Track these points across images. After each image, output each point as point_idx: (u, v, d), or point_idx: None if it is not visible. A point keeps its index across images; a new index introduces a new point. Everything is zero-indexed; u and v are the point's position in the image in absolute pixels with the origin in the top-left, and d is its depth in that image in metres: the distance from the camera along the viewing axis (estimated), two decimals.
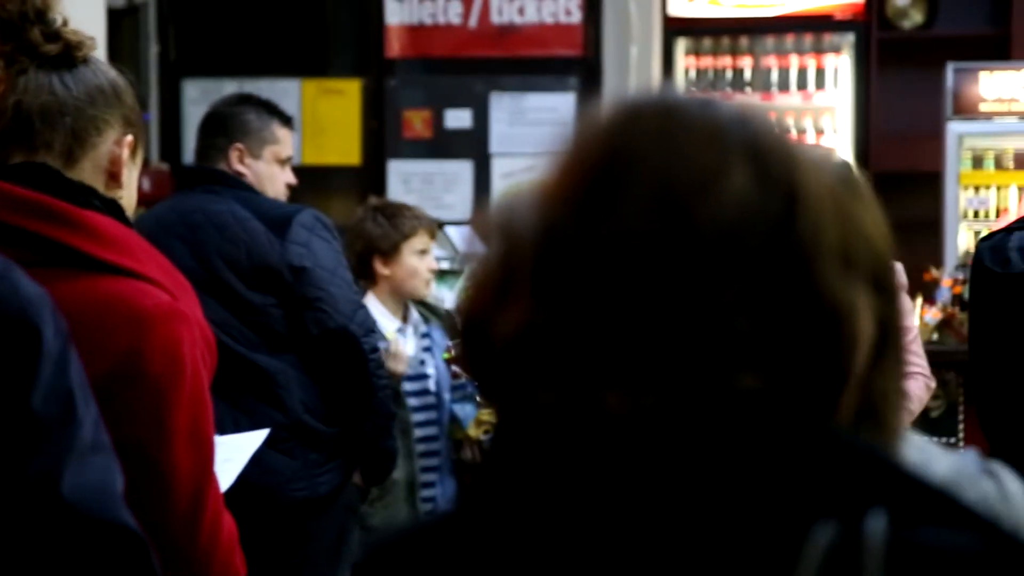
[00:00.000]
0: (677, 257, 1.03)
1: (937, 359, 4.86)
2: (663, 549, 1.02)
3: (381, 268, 4.60)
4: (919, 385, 4.21)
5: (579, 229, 1.04)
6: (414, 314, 4.71)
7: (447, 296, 5.77)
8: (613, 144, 1.07)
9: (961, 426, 5.54)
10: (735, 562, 1.01)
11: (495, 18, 7.25)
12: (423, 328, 4.83)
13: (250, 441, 2.78)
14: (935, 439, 5.53)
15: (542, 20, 7.24)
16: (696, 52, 8.21)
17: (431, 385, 4.64)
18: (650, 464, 1.03)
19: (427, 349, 4.85)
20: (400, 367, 4.49)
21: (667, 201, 1.04)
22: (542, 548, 1.04)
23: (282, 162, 4.30)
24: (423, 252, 4.65)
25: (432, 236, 4.68)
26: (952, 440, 5.59)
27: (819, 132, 8.03)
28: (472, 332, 1.09)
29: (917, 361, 4.23)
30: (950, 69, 7.11)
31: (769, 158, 1.06)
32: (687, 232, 1.03)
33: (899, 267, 4.27)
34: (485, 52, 7.27)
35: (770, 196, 1.05)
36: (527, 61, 7.27)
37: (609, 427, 1.04)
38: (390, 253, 4.61)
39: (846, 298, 1.06)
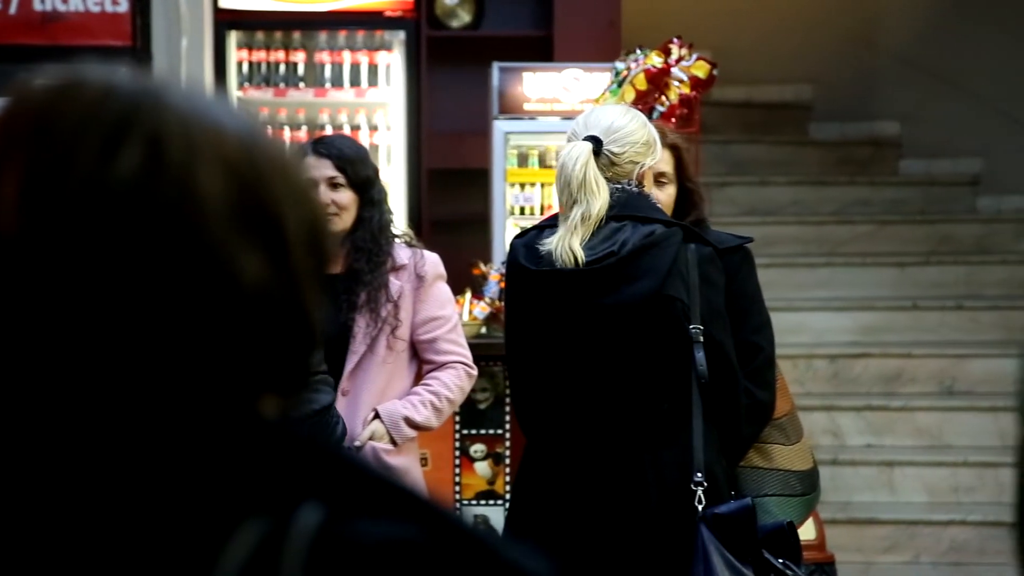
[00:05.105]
0: (41, 225, 0.99)
1: (486, 352, 4.98)
2: (89, 559, 0.98)
3: None
4: (458, 374, 4.24)
5: None
6: None
7: None
8: (3, 126, 1.04)
9: (508, 418, 5.69)
10: (157, 567, 0.98)
11: (37, 5, 6.97)
12: None
13: None
14: (483, 431, 5.68)
15: (87, 8, 7.01)
16: (249, 45, 8.15)
17: None
18: (67, 467, 0.99)
19: None
20: None
21: (32, 170, 1.00)
22: None
23: None
24: None
25: None
26: (499, 432, 5.73)
27: (373, 128, 8.11)
28: None
29: (457, 350, 4.26)
30: (496, 69, 7.30)
31: (157, 122, 1.03)
32: (50, 201, 0.99)
33: (435, 257, 4.32)
34: (26, 40, 6.98)
35: (151, 162, 1.01)
36: (72, 50, 7.01)
37: (42, 423, 1.00)
38: None
39: (242, 266, 1.01)
